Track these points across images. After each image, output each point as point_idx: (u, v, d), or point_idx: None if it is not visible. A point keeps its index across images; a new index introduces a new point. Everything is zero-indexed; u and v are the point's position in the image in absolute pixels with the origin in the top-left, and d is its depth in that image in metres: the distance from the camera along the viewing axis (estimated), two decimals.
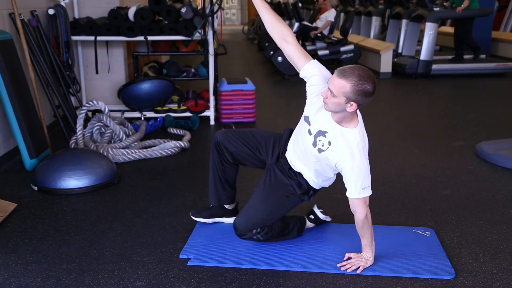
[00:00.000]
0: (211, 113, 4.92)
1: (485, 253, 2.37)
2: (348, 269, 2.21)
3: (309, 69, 2.23)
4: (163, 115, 4.79)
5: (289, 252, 2.37)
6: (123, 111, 4.84)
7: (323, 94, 2.10)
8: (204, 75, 5.27)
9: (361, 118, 2.21)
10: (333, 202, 2.78)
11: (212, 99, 4.92)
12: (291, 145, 2.39)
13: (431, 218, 2.76)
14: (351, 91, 2.01)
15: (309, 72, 2.23)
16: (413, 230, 2.59)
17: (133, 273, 2.20)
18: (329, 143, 2.16)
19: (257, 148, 2.48)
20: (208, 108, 4.97)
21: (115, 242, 2.49)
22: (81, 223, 2.71)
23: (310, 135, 2.23)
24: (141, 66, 5.51)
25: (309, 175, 2.34)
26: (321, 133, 2.19)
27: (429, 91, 6.94)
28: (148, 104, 4.87)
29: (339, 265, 2.24)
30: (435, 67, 7.62)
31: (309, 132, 2.24)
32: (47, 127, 3.96)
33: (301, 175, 2.35)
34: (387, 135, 4.51)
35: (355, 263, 2.22)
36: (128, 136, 4.16)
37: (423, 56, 7.49)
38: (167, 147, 3.90)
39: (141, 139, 4.21)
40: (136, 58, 5.16)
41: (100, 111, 4.19)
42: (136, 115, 4.85)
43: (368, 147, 2.20)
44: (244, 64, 9.95)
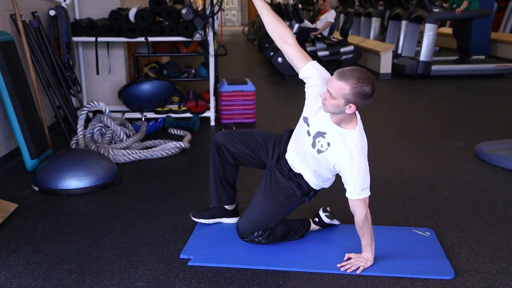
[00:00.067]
0: (211, 114, 4.93)
1: (484, 253, 2.38)
2: (348, 269, 2.21)
3: (308, 70, 2.23)
4: (164, 115, 4.80)
5: (289, 252, 2.38)
6: (123, 112, 4.84)
7: (322, 95, 2.11)
8: (204, 76, 5.28)
9: (360, 119, 2.22)
10: (333, 202, 2.79)
11: (212, 99, 4.93)
12: (291, 146, 2.39)
13: (430, 218, 2.77)
14: (350, 93, 2.02)
15: (308, 73, 2.23)
16: (413, 230, 2.60)
17: (133, 273, 2.20)
18: (328, 144, 2.17)
19: (258, 148, 2.48)
20: (208, 108, 4.98)
21: (116, 242, 2.49)
22: (82, 223, 2.71)
23: (309, 136, 2.24)
24: (142, 67, 5.52)
25: (309, 176, 2.34)
26: (320, 134, 2.20)
27: (428, 92, 6.95)
28: (148, 105, 4.88)
29: (339, 265, 2.25)
30: (434, 68, 7.63)
31: (308, 133, 2.24)
32: (48, 128, 3.97)
33: (301, 177, 2.36)
34: (387, 136, 4.52)
35: (355, 264, 2.23)
36: (128, 136, 4.17)
37: (423, 57, 7.50)
38: (167, 148, 3.91)
39: (142, 140, 4.22)
40: (136, 59, 5.17)
41: (100, 112, 4.20)
42: (136, 115, 4.86)
43: (367, 148, 2.21)
44: (244, 65, 9.96)
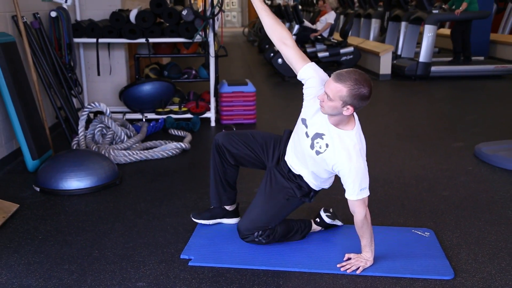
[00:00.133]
0: (211, 115, 4.94)
1: (484, 253, 2.39)
2: (348, 269, 2.22)
3: (307, 72, 2.25)
4: (164, 116, 4.81)
5: (290, 252, 2.39)
6: (124, 113, 4.85)
7: (319, 97, 2.12)
8: (205, 77, 5.29)
9: (357, 120, 2.23)
10: (333, 203, 2.79)
11: (212, 100, 4.94)
12: (289, 147, 2.40)
13: (430, 218, 2.78)
14: (348, 95, 2.03)
15: (306, 74, 2.25)
16: (413, 230, 2.61)
17: (134, 274, 2.21)
18: (327, 146, 2.18)
19: (258, 149, 2.49)
20: (209, 109, 4.99)
21: (117, 242, 2.50)
22: (83, 223, 2.72)
23: (307, 137, 2.25)
24: (143, 68, 5.53)
25: (308, 177, 2.35)
26: (318, 135, 2.21)
27: (428, 92, 6.96)
28: (149, 105, 4.89)
29: (339, 265, 2.25)
30: (434, 69, 7.64)
31: (307, 134, 2.25)
32: (49, 129, 3.98)
33: (301, 178, 2.37)
34: (386, 137, 4.53)
35: (355, 264, 2.23)
36: (129, 137, 4.18)
37: (422, 58, 7.51)
38: (168, 149, 3.92)
39: (143, 141, 4.23)
40: (137, 60, 5.18)
41: (101, 113, 4.21)
42: (137, 116, 4.87)
43: (365, 149, 2.21)
44: (244, 66, 9.97)
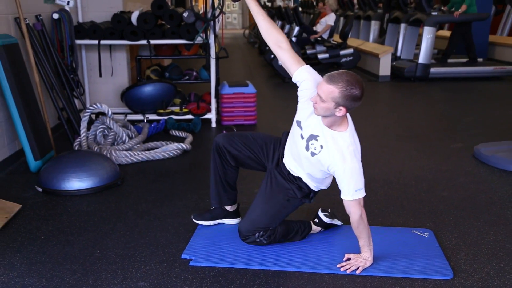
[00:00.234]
0: (212, 116, 4.96)
1: (482, 253, 2.40)
2: (347, 269, 2.23)
3: (301, 74, 2.27)
4: (166, 117, 4.83)
5: (290, 253, 2.40)
6: (126, 114, 4.86)
7: (312, 99, 2.14)
8: (205, 78, 5.30)
9: (351, 121, 2.25)
10: (332, 203, 2.79)
11: (213, 101, 4.96)
12: (287, 149, 2.43)
13: (429, 219, 2.79)
14: (340, 96, 2.06)
15: (300, 76, 2.27)
16: (412, 231, 2.62)
17: (135, 273, 2.22)
18: (321, 147, 2.20)
19: (258, 151, 2.51)
20: (209, 110, 5.01)
21: (118, 242, 2.51)
22: (84, 224, 2.73)
23: (302, 139, 2.28)
24: (144, 69, 5.54)
25: (306, 179, 2.37)
26: (313, 137, 2.23)
27: (427, 94, 6.98)
28: (150, 106, 4.91)
29: (338, 265, 2.27)
30: (433, 70, 7.66)
31: (302, 136, 2.28)
32: (52, 130, 3.99)
33: (301, 179, 2.39)
34: (386, 138, 4.54)
35: (355, 264, 2.24)
36: (131, 138, 4.20)
37: (422, 59, 7.53)
38: (169, 149, 3.94)
39: (144, 141, 4.25)
40: (139, 61, 5.19)
41: (103, 114, 4.22)
42: (138, 117, 4.89)
43: (360, 150, 2.23)
44: (245, 67, 9.98)
